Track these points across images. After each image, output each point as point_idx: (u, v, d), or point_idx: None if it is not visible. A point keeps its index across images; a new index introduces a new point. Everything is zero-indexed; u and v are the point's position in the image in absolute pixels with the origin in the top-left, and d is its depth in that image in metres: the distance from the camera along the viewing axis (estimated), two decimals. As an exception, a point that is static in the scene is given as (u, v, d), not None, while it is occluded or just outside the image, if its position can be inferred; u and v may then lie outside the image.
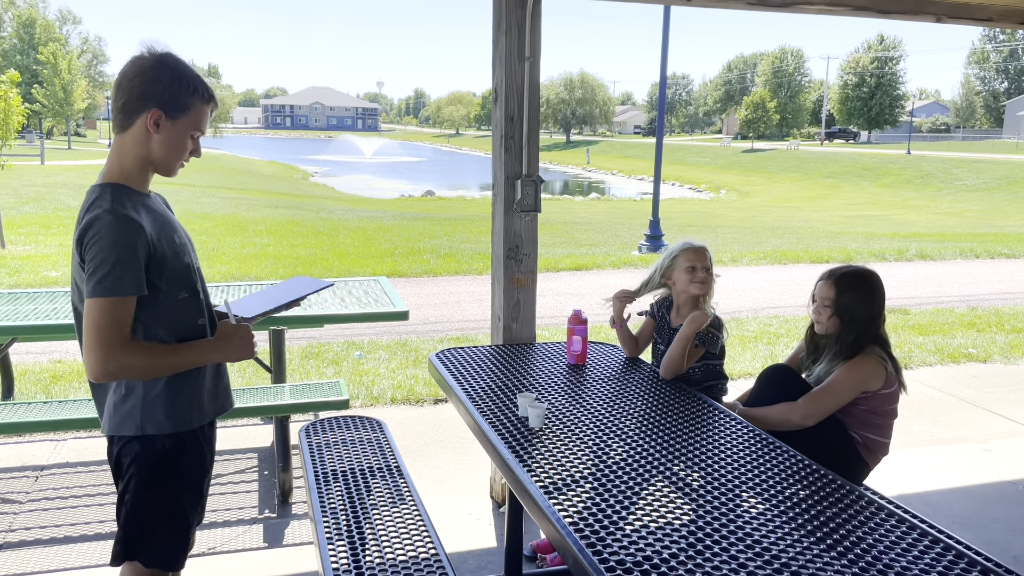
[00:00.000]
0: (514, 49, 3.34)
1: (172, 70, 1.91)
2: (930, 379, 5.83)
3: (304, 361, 6.03)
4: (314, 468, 2.93)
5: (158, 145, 1.92)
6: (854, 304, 2.75)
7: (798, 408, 2.69)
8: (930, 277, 10.78)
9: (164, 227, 1.96)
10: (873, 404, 2.72)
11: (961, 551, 1.74)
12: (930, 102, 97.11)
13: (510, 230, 3.50)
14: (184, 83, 1.92)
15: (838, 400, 2.69)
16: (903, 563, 1.69)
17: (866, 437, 2.75)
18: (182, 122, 1.93)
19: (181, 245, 2.00)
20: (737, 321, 7.75)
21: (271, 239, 13.30)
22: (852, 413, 2.73)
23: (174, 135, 1.93)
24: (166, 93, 1.89)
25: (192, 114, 1.94)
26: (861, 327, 2.74)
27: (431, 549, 2.45)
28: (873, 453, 2.78)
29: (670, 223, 16.52)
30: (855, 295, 2.76)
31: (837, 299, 2.77)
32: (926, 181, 35.98)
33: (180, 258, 1.97)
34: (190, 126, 1.95)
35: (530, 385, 2.88)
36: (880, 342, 2.77)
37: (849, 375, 2.69)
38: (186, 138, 1.96)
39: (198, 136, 1.99)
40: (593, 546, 1.74)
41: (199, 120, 1.97)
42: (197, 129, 1.97)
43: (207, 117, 2.00)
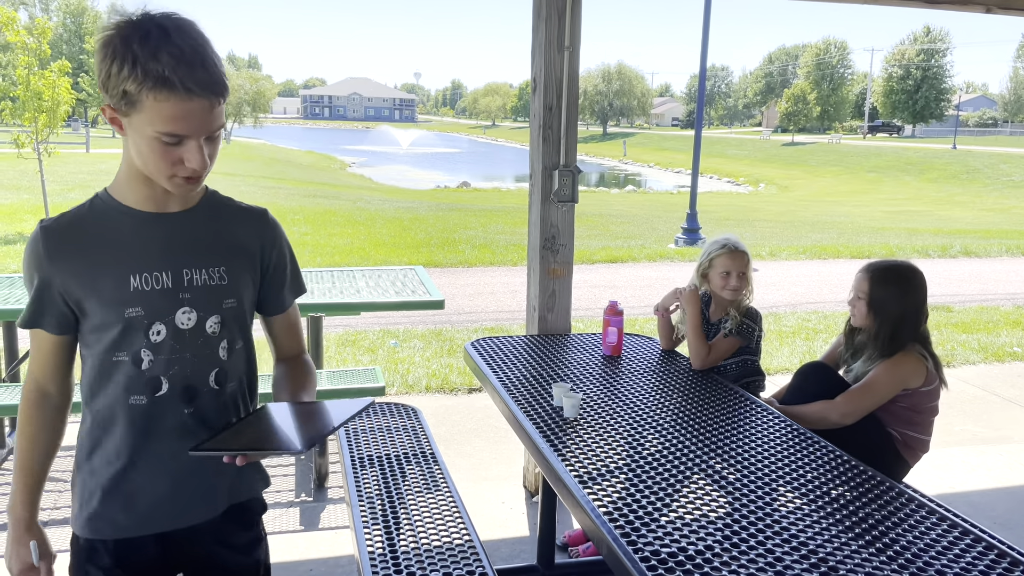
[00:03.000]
0: (554, 38, 3.33)
1: (111, 45, 1.30)
2: (973, 378, 5.72)
3: (341, 349, 6.10)
4: (351, 453, 2.97)
5: (134, 149, 1.39)
6: (888, 299, 2.70)
7: (836, 406, 2.65)
8: (975, 274, 10.54)
9: (112, 261, 1.43)
10: (913, 401, 2.68)
11: (1004, 550, 1.71)
12: (977, 96, 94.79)
13: (547, 220, 3.50)
14: (120, 63, 1.29)
15: (878, 398, 2.65)
16: (944, 561, 1.67)
17: (906, 435, 2.71)
18: (137, 119, 1.33)
19: (137, 294, 1.43)
20: (775, 316, 7.66)
21: (309, 228, 13.45)
22: (892, 411, 2.68)
23: (136, 138, 1.36)
24: (107, 80, 1.32)
25: (144, 108, 1.31)
26: (896, 323, 2.68)
27: (465, 535, 2.47)
28: (913, 451, 2.73)
29: (707, 216, 16.36)
30: (890, 290, 2.71)
31: (871, 292, 2.73)
32: (972, 176, 35.14)
33: (115, 307, 1.43)
34: (148, 124, 1.32)
35: (565, 376, 2.88)
36: (920, 339, 2.72)
37: (889, 373, 2.65)
38: (152, 141, 1.34)
39: (181, 139, 1.34)
40: (628, 537, 1.74)
41: (161, 116, 1.31)
42: (165, 128, 1.32)
43: (180, 110, 1.31)
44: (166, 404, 1.48)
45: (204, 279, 1.50)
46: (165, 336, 1.46)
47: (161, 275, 1.46)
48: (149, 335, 1.45)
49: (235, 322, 1.55)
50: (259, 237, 1.60)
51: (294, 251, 1.72)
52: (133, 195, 1.47)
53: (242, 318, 1.57)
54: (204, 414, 1.52)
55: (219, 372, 1.52)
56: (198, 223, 1.52)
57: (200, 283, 1.49)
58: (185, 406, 1.49)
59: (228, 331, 1.54)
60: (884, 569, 1.62)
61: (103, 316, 1.44)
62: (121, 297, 1.43)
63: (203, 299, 1.49)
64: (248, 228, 1.59)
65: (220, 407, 1.54)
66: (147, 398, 1.47)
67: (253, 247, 1.59)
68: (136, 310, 1.43)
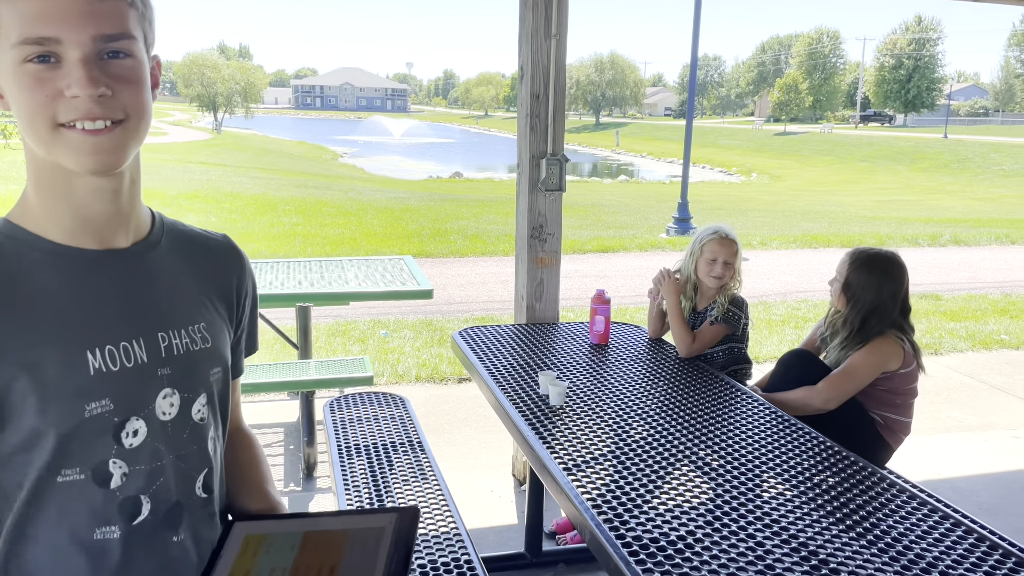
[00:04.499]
0: (540, 26, 3.32)
1: None
2: (960, 365, 5.75)
3: (331, 339, 6.09)
4: (338, 442, 2.97)
5: (14, 110, 0.93)
6: (863, 286, 2.73)
7: (818, 392, 2.68)
8: (964, 263, 10.59)
9: (51, 331, 0.94)
10: (892, 384, 2.70)
11: (983, 535, 1.73)
12: (968, 85, 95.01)
13: (534, 209, 3.50)
14: None
15: (858, 383, 2.67)
16: (923, 545, 1.68)
17: (887, 417, 2.73)
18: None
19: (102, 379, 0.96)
20: (764, 305, 7.69)
21: (300, 219, 13.41)
22: (872, 394, 2.71)
23: (7, 88, 0.93)
24: None
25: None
26: (868, 311, 2.71)
27: (451, 523, 2.47)
28: (895, 433, 2.76)
29: (699, 206, 16.38)
30: (866, 278, 2.74)
31: (848, 277, 2.77)
32: (963, 166, 35.25)
33: (67, 403, 0.94)
34: (7, 47, 0.89)
35: (552, 364, 2.88)
36: (898, 328, 2.73)
37: (867, 357, 2.68)
38: (18, 70, 0.89)
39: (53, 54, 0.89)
40: (612, 524, 1.75)
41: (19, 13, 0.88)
42: (26, 32, 0.88)
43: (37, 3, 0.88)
44: (148, 533, 1.02)
45: (186, 343, 1.05)
46: (144, 436, 1.00)
47: (131, 346, 0.99)
48: (121, 438, 0.98)
49: (220, 400, 1.12)
50: (233, 276, 1.18)
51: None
52: (58, 224, 0.97)
53: (225, 393, 1.15)
54: (197, 537, 1.08)
55: (208, 474, 1.10)
56: (161, 261, 1.07)
57: (181, 350, 1.04)
58: (173, 532, 1.04)
59: (214, 414, 1.11)
60: (864, 553, 1.64)
61: (41, 418, 0.92)
62: (77, 385, 0.94)
63: (186, 373, 1.05)
64: (218, 264, 1.16)
65: (210, 524, 1.12)
66: (120, 529, 0.99)
67: (227, 289, 1.16)
68: (101, 404, 0.95)
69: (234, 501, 1.19)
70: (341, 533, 1.10)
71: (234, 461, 1.22)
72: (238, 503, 1.19)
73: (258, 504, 1.19)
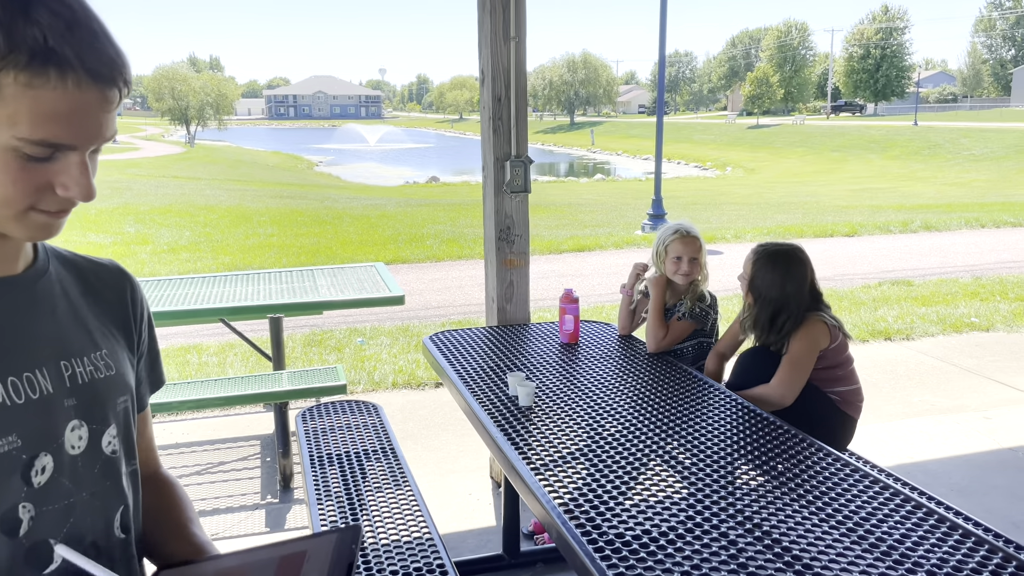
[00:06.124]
0: (499, 29, 3.33)
1: None
2: (931, 349, 5.83)
3: (307, 349, 6.07)
4: (310, 453, 2.96)
5: None
6: (767, 284, 2.79)
7: (772, 389, 2.72)
8: (935, 248, 10.72)
9: None
10: (830, 359, 2.78)
11: (955, 522, 1.74)
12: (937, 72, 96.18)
13: (501, 212, 3.51)
14: None
15: (804, 370, 2.72)
16: (890, 529, 1.71)
17: (839, 391, 2.80)
18: None
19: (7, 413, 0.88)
20: (738, 297, 7.72)
21: (275, 229, 13.34)
22: (818, 376, 2.77)
23: None
24: None
25: (2, 98, 0.80)
26: (776, 307, 2.76)
27: (424, 529, 2.47)
28: (852, 404, 2.83)
29: (675, 202, 16.48)
30: (769, 274, 2.79)
31: (752, 275, 2.83)
32: (933, 152, 35.68)
33: None
34: (5, 126, 0.81)
35: (523, 365, 2.89)
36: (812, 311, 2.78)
37: (802, 344, 2.73)
38: (7, 155, 0.83)
39: (55, 151, 0.85)
40: (580, 523, 1.75)
41: (34, 112, 0.81)
42: (38, 133, 0.82)
43: (67, 103, 0.82)
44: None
45: (90, 371, 0.98)
46: (52, 473, 0.91)
47: (36, 376, 0.92)
48: (31, 476, 0.89)
49: (130, 430, 1.05)
50: (127, 300, 1.10)
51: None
52: None
53: (132, 424, 1.07)
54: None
55: (124, 512, 1.02)
56: (53, 288, 1.00)
57: (86, 379, 0.97)
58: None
59: (126, 445, 1.04)
60: (839, 546, 1.65)
61: None
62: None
63: (93, 403, 0.98)
64: (109, 289, 1.08)
65: (129, 568, 1.04)
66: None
67: (123, 314, 1.09)
68: (9, 440, 0.87)
69: (160, 549, 1.12)
70: (271, 562, 1.04)
71: (155, 507, 1.14)
72: (162, 550, 1.11)
73: (185, 549, 1.11)
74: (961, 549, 1.63)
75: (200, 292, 4.04)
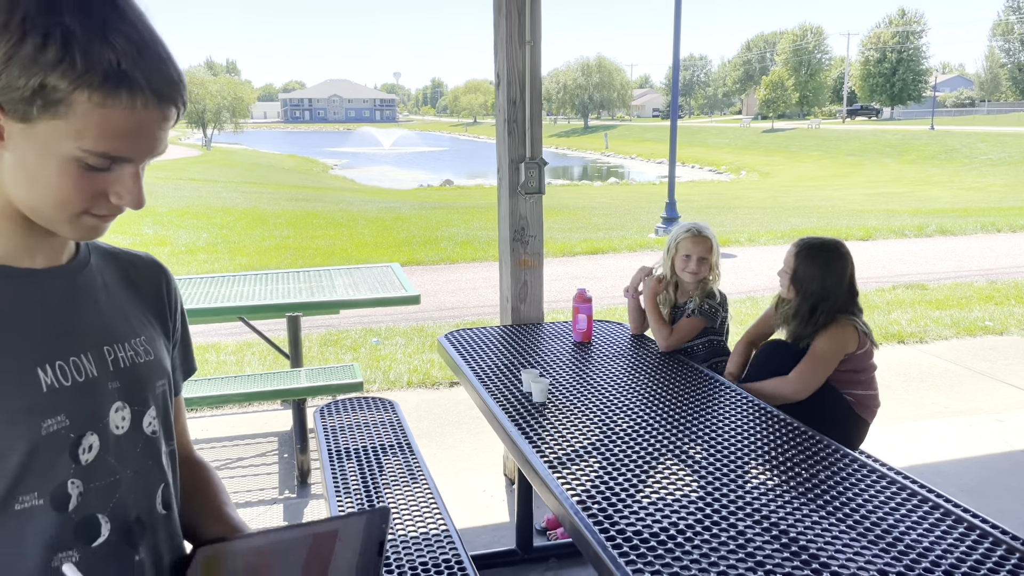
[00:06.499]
0: (514, 33, 3.39)
1: (20, 8, 0.83)
2: (945, 352, 5.83)
3: (323, 348, 6.14)
4: (328, 448, 3.02)
5: (11, 172, 0.91)
6: (810, 276, 2.82)
7: (789, 382, 2.75)
8: (950, 252, 10.69)
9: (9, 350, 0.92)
10: (853, 364, 2.81)
11: (962, 516, 1.76)
12: (954, 76, 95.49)
13: (515, 213, 3.56)
14: (41, 41, 0.83)
15: (824, 369, 2.76)
16: (903, 528, 1.73)
17: (856, 395, 2.83)
18: (46, 129, 0.87)
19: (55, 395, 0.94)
20: (752, 300, 7.75)
21: (291, 231, 13.46)
22: (838, 377, 2.80)
23: (32, 155, 0.89)
24: (2, 63, 0.84)
25: (72, 114, 0.86)
26: (816, 301, 2.80)
27: (441, 524, 2.52)
28: (867, 408, 2.85)
29: (689, 205, 16.48)
30: (813, 268, 2.83)
31: (796, 268, 2.86)
32: (950, 156, 35.47)
33: (22, 421, 0.91)
34: (72, 138, 0.87)
35: (536, 363, 2.94)
36: (847, 312, 2.81)
37: (828, 343, 2.76)
38: (67, 163, 0.89)
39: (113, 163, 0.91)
40: (596, 519, 1.77)
41: (100, 127, 0.87)
42: (101, 146, 0.88)
43: (132, 122, 0.89)
44: (108, 554, 0.98)
45: (131, 356, 1.04)
46: (98, 451, 0.97)
47: (81, 360, 0.98)
48: (78, 454, 0.95)
49: (168, 412, 1.11)
50: (163, 292, 1.17)
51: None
52: (3, 245, 0.96)
53: (170, 407, 1.13)
54: (157, 557, 1.06)
55: (165, 489, 1.08)
56: (95, 278, 1.06)
57: (127, 363, 1.03)
58: (134, 551, 1.01)
59: (165, 427, 1.09)
60: (855, 547, 1.67)
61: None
62: (32, 403, 0.91)
63: (135, 386, 1.03)
64: (146, 280, 1.15)
65: (171, 544, 1.10)
66: (80, 553, 0.95)
67: (159, 304, 1.16)
68: (58, 420, 0.93)
69: (194, 528, 1.17)
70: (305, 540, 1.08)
71: (190, 488, 1.20)
72: (198, 530, 1.17)
73: (218, 527, 1.17)
74: (979, 549, 1.63)
75: (219, 291, 4.12)
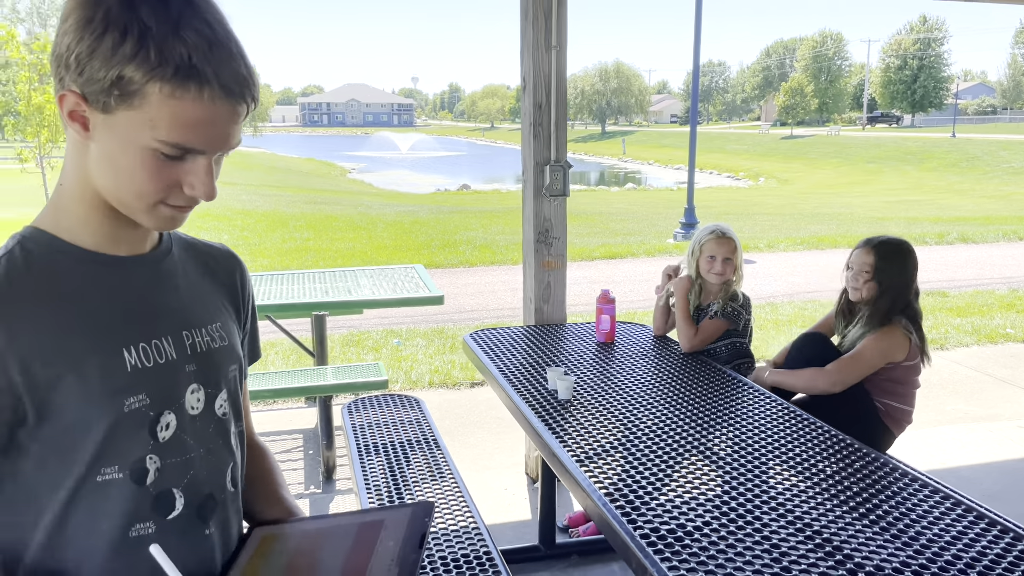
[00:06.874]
0: (541, 38, 3.45)
1: (102, 6, 0.89)
2: (966, 359, 5.82)
3: (345, 348, 6.22)
4: (357, 443, 3.09)
5: (96, 162, 0.96)
6: (891, 270, 2.85)
7: (826, 374, 2.79)
8: (971, 260, 10.63)
9: (89, 329, 0.98)
10: (896, 374, 2.80)
11: (993, 518, 1.77)
12: (976, 83, 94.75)
13: (540, 214, 3.62)
14: (119, 36, 0.88)
15: (864, 369, 2.78)
16: (935, 530, 1.74)
17: (888, 405, 2.83)
18: (126, 119, 0.92)
19: (138, 375, 1.00)
20: (772, 305, 7.77)
21: (311, 234, 13.58)
22: (877, 383, 2.81)
23: (114, 145, 0.94)
24: (86, 56, 0.89)
25: (147, 105, 0.91)
26: (895, 294, 2.84)
27: (470, 518, 2.57)
28: (897, 421, 2.86)
29: (707, 211, 16.46)
30: (893, 263, 2.86)
31: (876, 265, 2.86)
32: (972, 164, 35.17)
33: (107, 398, 0.97)
34: (147, 128, 0.92)
35: (560, 362, 2.99)
36: (910, 314, 2.84)
37: (875, 345, 2.78)
38: (144, 153, 0.94)
39: (186, 154, 0.96)
40: (626, 513, 1.79)
41: (173, 119, 0.92)
42: (174, 137, 0.93)
43: (203, 114, 0.93)
44: (182, 527, 1.05)
45: (206, 341, 1.10)
46: (175, 430, 1.04)
47: (162, 343, 1.04)
48: (157, 432, 1.01)
49: (238, 395, 1.18)
50: (237, 280, 1.24)
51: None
52: (91, 233, 1.01)
53: (240, 390, 1.20)
54: (225, 531, 1.13)
55: (234, 468, 1.15)
56: (176, 266, 1.12)
57: (203, 348, 1.09)
58: (204, 525, 1.08)
59: (235, 409, 1.16)
60: (878, 539, 1.69)
61: (84, 414, 0.95)
62: (116, 382, 0.97)
63: (209, 370, 1.10)
64: (223, 270, 1.21)
65: (237, 519, 1.17)
66: (156, 525, 1.02)
67: (234, 292, 1.22)
68: (139, 398, 0.99)
69: (252, 508, 1.24)
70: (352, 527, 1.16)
71: (250, 472, 1.26)
72: (256, 511, 1.24)
73: (275, 511, 1.24)
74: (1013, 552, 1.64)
75: (248, 290, 4.19)
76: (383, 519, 1.16)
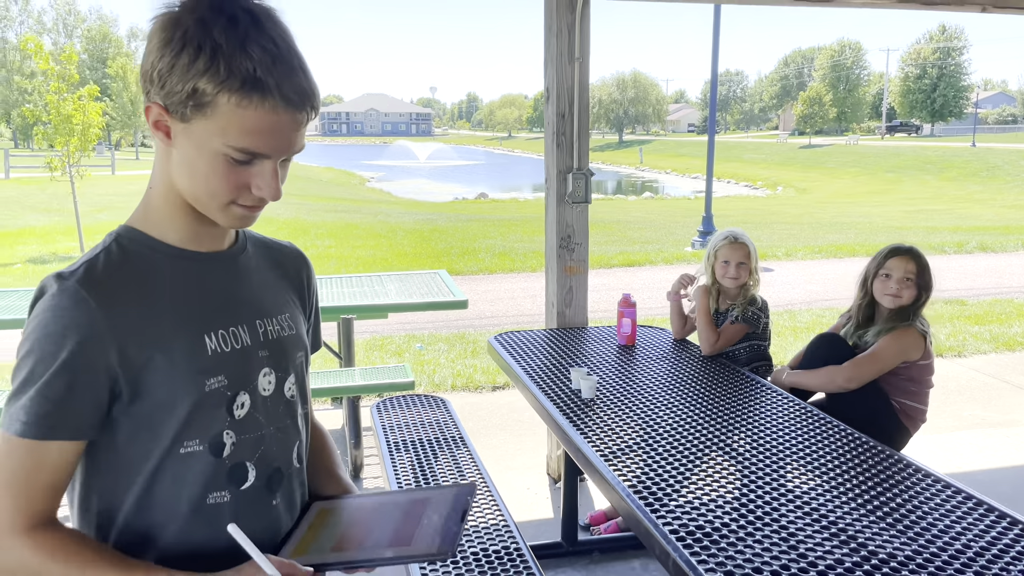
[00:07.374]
0: (564, 50, 3.56)
1: (181, 27, 1.00)
2: (983, 366, 5.85)
3: (368, 353, 6.34)
4: (386, 440, 3.20)
5: (177, 166, 1.09)
6: (927, 275, 2.96)
7: (843, 371, 2.87)
8: (990, 269, 10.63)
9: (177, 316, 1.11)
10: (911, 373, 2.89)
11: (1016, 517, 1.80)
12: (996, 93, 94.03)
13: (562, 221, 3.72)
14: (193, 52, 1.00)
15: (881, 366, 2.86)
16: (957, 529, 1.79)
17: (905, 404, 2.92)
18: (200, 127, 1.03)
19: (217, 358, 1.12)
20: (790, 313, 7.82)
21: (332, 241, 13.76)
22: (892, 381, 2.89)
23: (192, 151, 1.06)
24: (167, 72, 1.01)
25: (217, 114, 1.02)
26: (927, 298, 2.95)
27: (498, 514, 2.66)
28: (912, 419, 2.94)
29: (725, 220, 16.50)
30: (927, 268, 2.97)
31: (921, 272, 2.95)
32: (992, 174, 34.92)
33: (191, 378, 1.09)
34: (218, 135, 1.03)
35: (583, 363, 3.09)
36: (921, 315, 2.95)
37: (893, 344, 2.86)
38: (216, 157, 1.05)
39: (254, 158, 1.06)
40: (654, 509, 1.85)
41: (240, 126, 1.03)
42: (241, 143, 1.04)
43: (266, 121, 1.03)
44: (253, 497, 1.17)
45: (276, 330, 1.22)
46: (249, 409, 1.16)
47: (238, 330, 1.17)
48: (233, 410, 1.14)
49: (304, 380, 1.30)
50: (304, 277, 1.37)
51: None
52: (176, 231, 1.14)
53: (306, 375, 1.32)
54: (290, 503, 1.25)
55: (299, 446, 1.27)
56: (250, 262, 1.25)
57: (274, 335, 1.22)
58: (272, 496, 1.20)
59: (301, 392, 1.28)
60: (900, 537, 1.75)
61: (171, 393, 1.08)
62: (199, 364, 1.10)
63: (280, 355, 1.22)
64: (291, 265, 1.35)
65: (301, 492, 1.29)
66: (230, 494, 1.14)
67: (300, 287, 1.35)
68: (218, 379, 1.12)
69: (311, 484, 1.34)
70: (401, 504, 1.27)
71: (310, 449, 1.35)
72: (314, 486, 1.35)
73: (332, 487, 1.35)
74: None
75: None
76: (429, 496, 1.28)
